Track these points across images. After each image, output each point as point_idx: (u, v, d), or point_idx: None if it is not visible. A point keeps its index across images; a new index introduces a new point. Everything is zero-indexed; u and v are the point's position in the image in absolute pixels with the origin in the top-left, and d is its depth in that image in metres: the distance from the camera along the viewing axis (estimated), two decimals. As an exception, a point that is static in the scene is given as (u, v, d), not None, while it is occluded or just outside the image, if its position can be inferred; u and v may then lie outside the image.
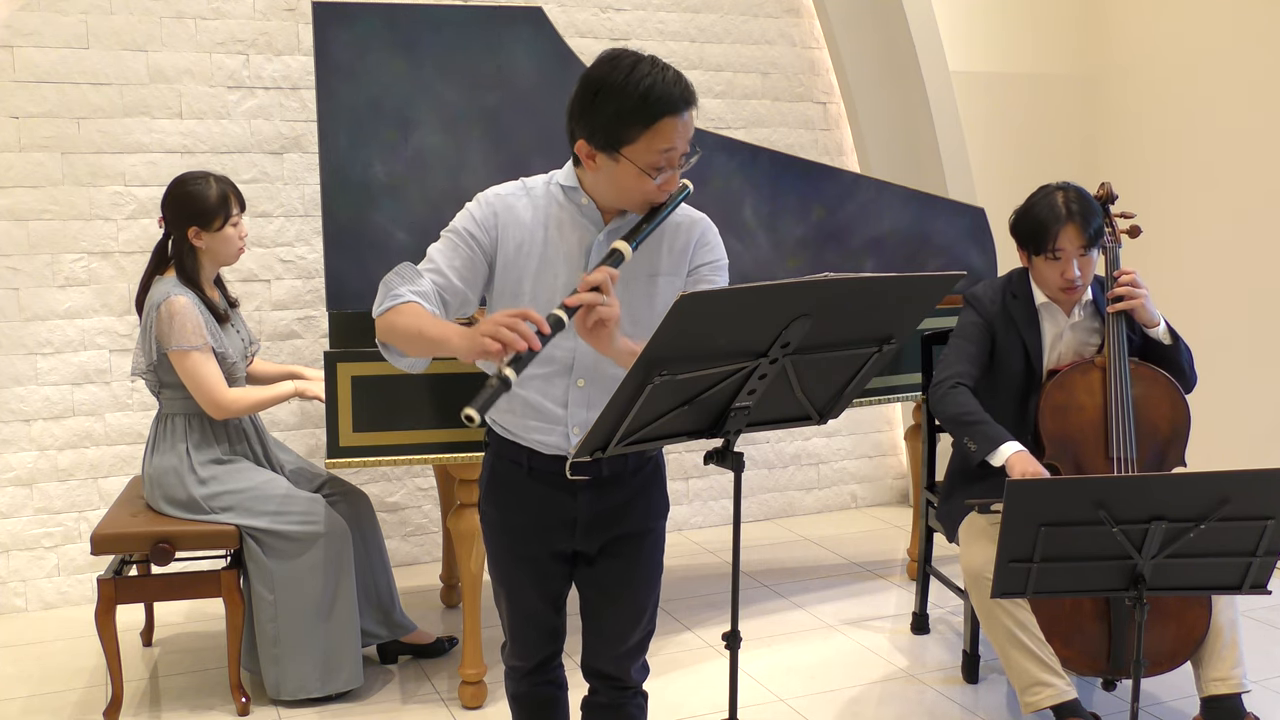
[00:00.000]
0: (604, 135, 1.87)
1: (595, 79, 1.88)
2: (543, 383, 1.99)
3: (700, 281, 2.01)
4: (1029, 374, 3.05)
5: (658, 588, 2.17)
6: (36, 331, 3.95)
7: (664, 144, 1.86)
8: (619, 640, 2.16)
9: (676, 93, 1.86)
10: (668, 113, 1.85)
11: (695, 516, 4.94)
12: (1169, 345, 3.01)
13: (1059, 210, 2.90)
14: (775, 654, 3.57)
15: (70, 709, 3.22)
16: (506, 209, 1.98)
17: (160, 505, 3.17)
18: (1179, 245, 4.62)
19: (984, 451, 2.89)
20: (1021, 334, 3.05)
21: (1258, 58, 4.36)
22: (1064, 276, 2.94)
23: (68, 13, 3.90)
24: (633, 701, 2.22)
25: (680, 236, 2.02)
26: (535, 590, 2.14)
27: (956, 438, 3.03)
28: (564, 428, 2.00)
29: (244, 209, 3.24)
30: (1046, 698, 2.76)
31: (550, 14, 3.64)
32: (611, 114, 1.85)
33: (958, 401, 2.98)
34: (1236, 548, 2.16)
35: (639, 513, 2.10)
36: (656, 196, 1.93)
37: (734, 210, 3.89)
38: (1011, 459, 2.83)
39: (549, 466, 2.02)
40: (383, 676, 3.40)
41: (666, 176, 1.91)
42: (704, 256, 2.02)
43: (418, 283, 1.93)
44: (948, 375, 3.05)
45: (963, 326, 3.13)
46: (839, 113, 5.03)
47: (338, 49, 3.31)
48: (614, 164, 1.89)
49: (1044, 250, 2.93)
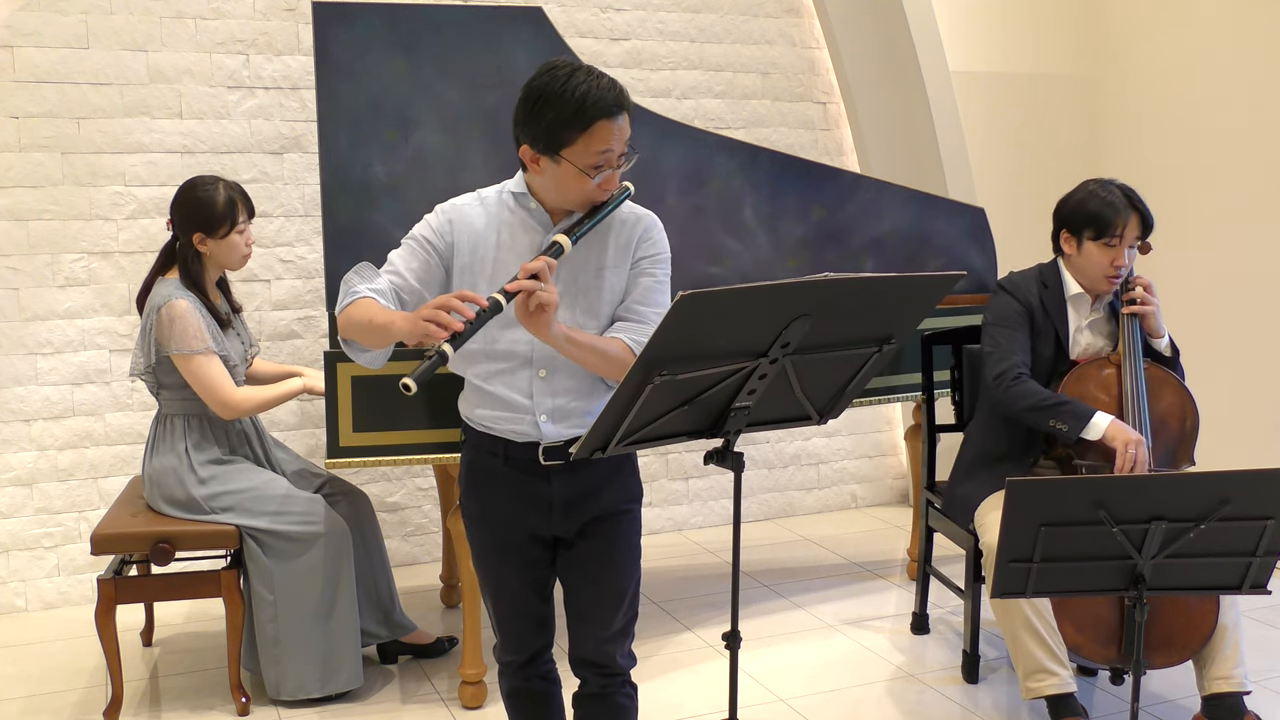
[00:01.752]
0: (545, 140, 2.00)
1: (535, 88, 2.00)
2: (507, 376, 2.10)
3: (641, 275, 2.12)
4: (1056, 362, 3.10)
5: (637, 573, 2.24)
6: (36, 331, 3.95)
7: (600, 145, 1.98)
8: (601, 624, 2.21)
9: (610, 98, 1.98)
10: (601, 117, 1.97)
11: (695, 516, 4.94)
12: (1168, 358, 3.09)
13: (1121, 200, 2.98)
14: (775, 654, 3.57)
15: (70, 709, 3.22)
16: (461, 217, 2.12)
17: (160, 505, 3.17)
18: (1179, 245, 4.62)
19: (1077, 429, 2.91)
20: (1054, 322, 3.10)
21: (1258, 58, 4.36)
22: (1114, 264, 3.00)
23: (68, 13, 3.90)
24: (621, 690, 2.27)
25: (625, 232, 2.13)
26: (519, 578, 2.21)
27: (1040, 425, 3.00)
28: (532, 416, 2.10)
29: (252, 216, 3.24)
30: (1048, 686, 2.81)
31: (550, 14, 3.65)
32: (551, 119, 1.97)
33: (1030, 391, 3.00)
34: (1236, 548, 2.16)
35: (613, 494, 2.18)
36: (597, 195, 2.05)
37: (734, 210, 3.89)
38: (1109, 430, 2.87)
39: (523, 454, 2.12)
40: (383, 676, 3.40)
41: (605, 176, 2.03)
42: (645, 251, 2.13)
43: (375, 281, 2.07)
44: (1008, 367, 3.05)
45: (1005, 315, 3.12)
46: (839, 113, 5.03)
47: (338, 49, 3.31)
48: (556, 166, 2.01)
49: (1106, 235, 2.98)
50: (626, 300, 2.11)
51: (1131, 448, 2.83)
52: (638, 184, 2.16)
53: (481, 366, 2.11)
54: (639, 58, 4.66)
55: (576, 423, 2.10)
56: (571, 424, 2.10)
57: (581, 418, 2.10)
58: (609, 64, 4.57)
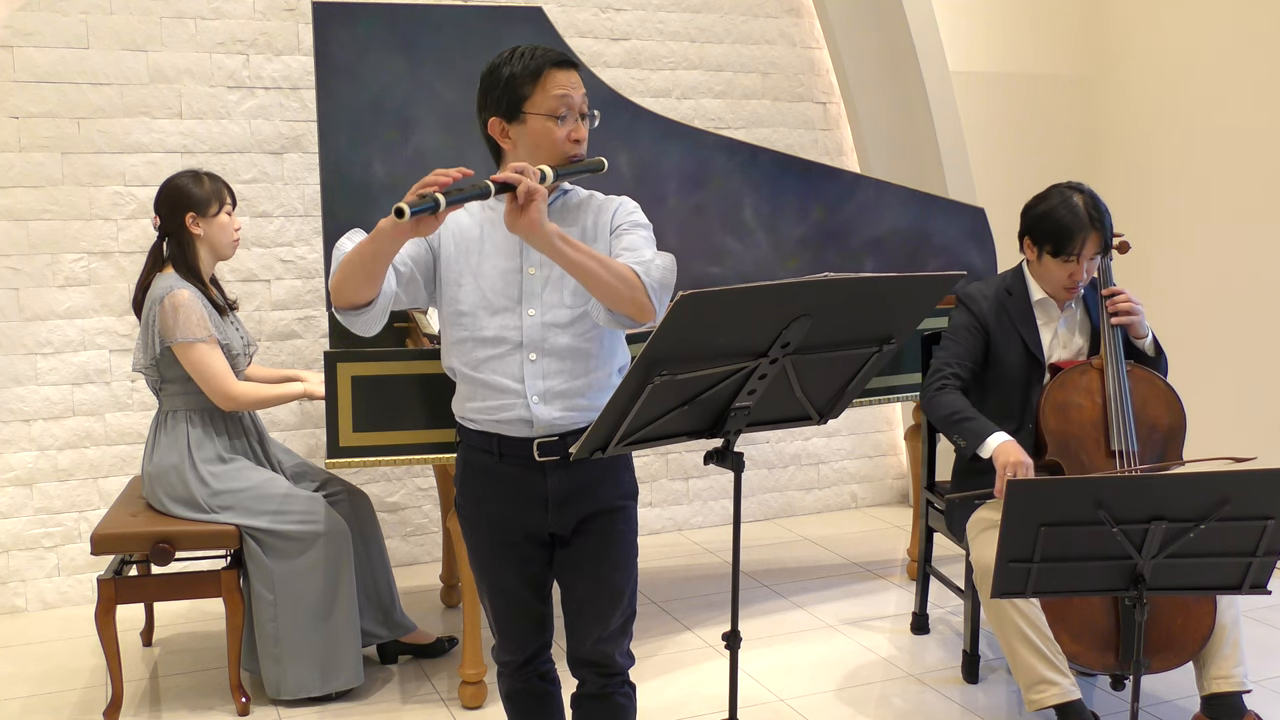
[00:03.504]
0: (505, 103, 2.09)
1: (487, 69, 2.13)
2: (497, 362, 2.11)
3: (623, 233, 2.14)
4: (1029, 366, 3.11)
5: (634, 571, 2.24)
6: (36, 331, 3.95)
7: (556, 90, 2.08)
8: (599, 622, 2.21)
9: (555, 54, 2.11)
10: (550, 65, 2.09)
11: (695, 516, 4.94)
12: (1151, 357, 3.11)
13: (1082, 217, 2.97)
14: (775, 654, 3.57)
15: (70, 709, 3.22)
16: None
17: (161, 502, 3.17)
18: (1179, 245, 4.63)
19: (973, 446, 2.96)
20: (1018, 329, 3.11)
21: (1258, 58, 4.36)
22: (1072, 278, 3.03)
23: (68, 13, 3.90)
24: (620, 690, 2.26)
25: (604, 213, 2.18)
26: (516, 577, 2.21)
27: (947, 436, 3.09)
28: (524, 400, 2.10)
29: (235, 205, 3.29)
30: (1051, 696, 2.77)
31: (550, 14, 3.65)
32: (506, 79, 2.09)
33: (944, 402, 3.07)
34: (1236, 548, 2.16)
35: (608, 490, 2.18)
36: (569, 147, 2.10)
37: (734, 210, 3.89)
38: (996, 450, 2.90)
39: (518, 450, 2.13)
40: (383, 676, 3.40)
41: (571, 125, 2.09)
42: (621, 219, 2.16)
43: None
44: (935, 377, 3.13)
45: (954, 327, 3.19)
46: (839, 113, 5.03)
47: (338, 49, 3.31)
48: (523, 126, 2.09)
49: (1064, 253, 2.99)
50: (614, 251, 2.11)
51: (1009, 470, 2.82)
52: (638, 184, 2.18)
53: (472, 354, 2.12)
54: (639, 58, 4.66)
55: (568, 404, 2.11)
56: (562, 405, 2.10)
57: (573, 399, 2.11)
58: (609, 64, 4.58)
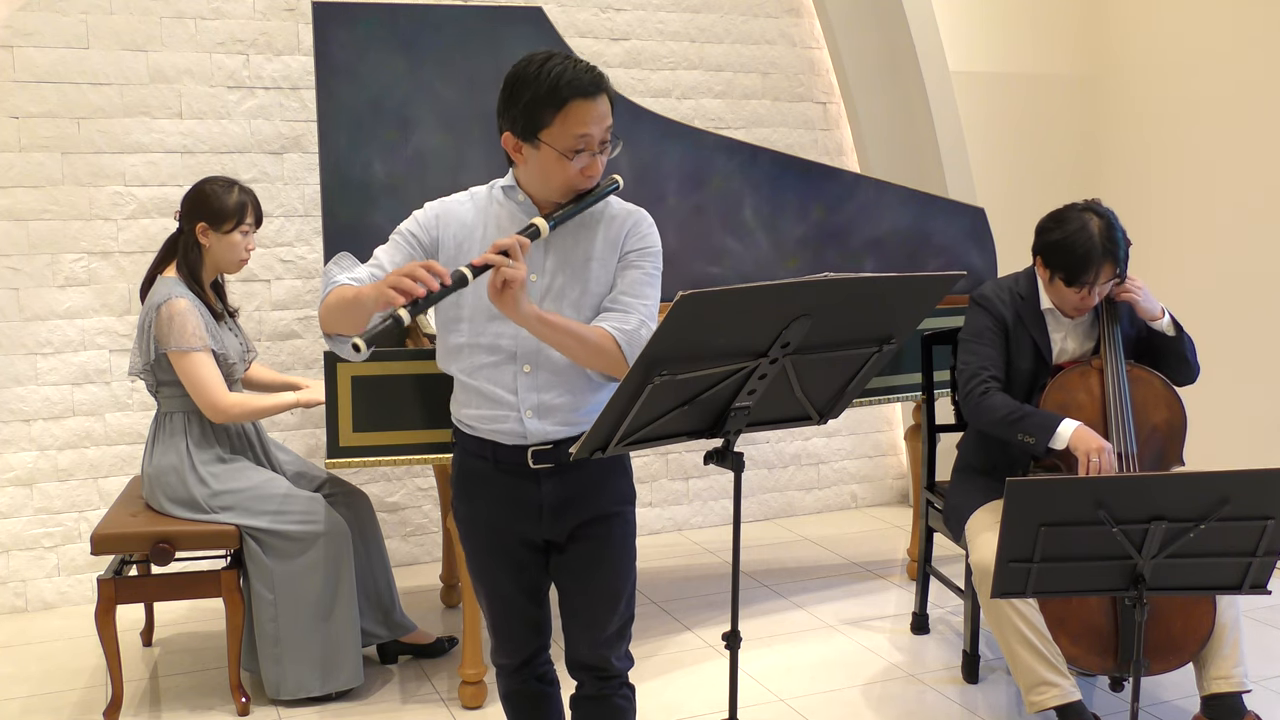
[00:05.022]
0: (523, 124, 2.01)
1: (513, 74, 2.02)
2: (492, 371, 2.09)
3: (629, 267, 2.10)
4: (1037, 369, 3.07)
5: (632, 575, 2.23)
6: (36, 331, 3.95)
7: (577, 128, 1.98)
8: (597, 626, 2.20)
9: (586, 79, 1.99)
10: (576, 96, 1.97)
11: (695, 516, 4.94)
12: (1173, 337, 3.03)
13: (1096, 247, 2.87)
14: (775, 654, 3.57)
15: (70, 709, 3.22)
16: (448, 211, 2.13)
17: (161, 503, 3.17)
18: (1179, 245, 4.62)
19: (1043, 441, 2.86)
20: (1031, 333, 3.07)
21: (1258, 58, 4.36)
22: (1084, 302, 2.96)
23: (68, 13, 3.90)
24: (618, 693, 2.26)
25: (615, 227, 2.12)
26: (511, 581, 2.20)
27: (1007, 438, 2.97)
28: (517, 412, 2.08)
29: (259, 224, 3.26)
30: (1052, 698, 2.76)
31: (550, 14, 3.65)
32: (527, 101, 1.99)
33: (995, 404, 2.97)
34: (1236, 548, 2.16)
35: (604, 497, 2.17)
36: (579, 181, 2.04)
37: (734, 210, 3.89)
38: (1073, 438, 2.81)
39: (512, 458, 2.11)
40: (383, 676, 3.40)
41: (585, 161, 2.02)
42: (633, 244, 2.11)
43: (354, 271, 2.09)
44: (975, 382, 3.03)
45: (977, 330, 3.11)
46: (839, 113, 5.03)
47: (338, 49, 3.31)
48: (536, 151, 2.02)
49: (1076, 284, 2.92)
50: (613, 292, 2.09)
51: (1094, 455, 2.77)
52: (638, 184, 2.16)
53: (467, 360, 2.10)
54: (639, 58, 4.66)
55: (561, 419, 2.09)
56: (556, 420, 2.09)
57: (566, 414, 2.09)
58: (609, 64, 4.57)
